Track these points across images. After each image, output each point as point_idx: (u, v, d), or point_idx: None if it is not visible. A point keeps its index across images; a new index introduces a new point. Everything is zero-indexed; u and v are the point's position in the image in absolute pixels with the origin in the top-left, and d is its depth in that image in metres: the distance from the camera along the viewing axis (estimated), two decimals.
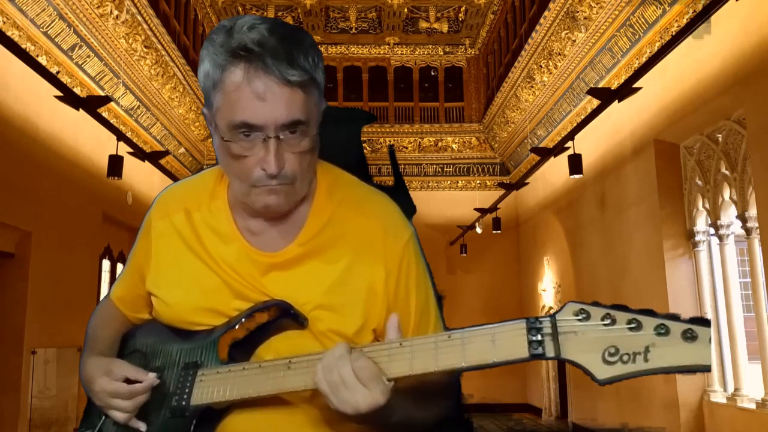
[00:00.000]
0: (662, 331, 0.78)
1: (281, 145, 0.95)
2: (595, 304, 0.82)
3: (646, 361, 0.78)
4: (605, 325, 0.81)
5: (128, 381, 1.03)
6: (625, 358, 0.79)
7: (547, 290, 11.00)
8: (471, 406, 10.49)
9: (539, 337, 0.83)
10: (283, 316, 1.01)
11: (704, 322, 0.77)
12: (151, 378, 1.03)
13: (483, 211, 11.06)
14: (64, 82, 6.16)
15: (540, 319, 0.83)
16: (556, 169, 9.04)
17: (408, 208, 1.16)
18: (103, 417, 1.08)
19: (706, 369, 0.77)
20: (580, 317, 0.82)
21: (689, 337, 0.77)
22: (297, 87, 0.93)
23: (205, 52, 0.96)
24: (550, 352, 0.82)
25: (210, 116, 1.00)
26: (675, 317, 0.79)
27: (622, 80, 6.80)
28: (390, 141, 12.95)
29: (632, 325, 0.80)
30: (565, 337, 0.82)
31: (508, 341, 0.85)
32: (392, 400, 0.90)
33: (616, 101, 6.05)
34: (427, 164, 13.22)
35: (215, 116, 0.98)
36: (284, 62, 0.92)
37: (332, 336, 1.01)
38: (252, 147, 0.95)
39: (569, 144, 7.17)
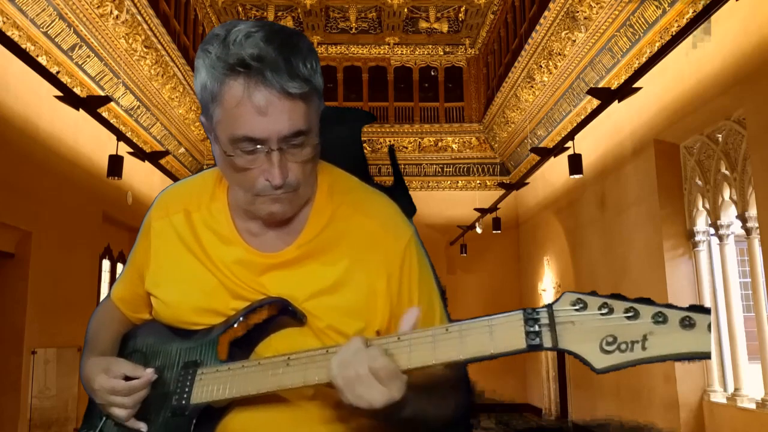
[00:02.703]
0: (660, 320, 0.78)
1: (284, 156, 0.95)
2: (593, 293, 0.82)
3: (644, 350, 0.78)
4: (602, 314, 0.81)
5: (127, 378, 1.03)
6: (623, 346, 0.79)
7: (547, 290, 11.01)
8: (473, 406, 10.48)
9: (536, 328, 0.83)
10: (282, 314, 1.02)
11: (703, 310, 0.77)
12: (148, 373, 1.03)
13: (483, 211, 11.06)
14: (64, 82, 6.16)
15: (537, 310, 0.84)
16: (556, 169, 9.05)
17: (408, 209, 1.16)
18: (104, 418, 1.08)
19: (706, 356, 0.77)
20: (577, 307, 0.82)
21: (687, 324, 0.77)
22: (298, 98, 0.93)
23: (201, 62, 0.95)
24: (547, 342, 0.82)
25: (209, 126, 1.00)
26: (673, 306, 0.79)
27: (622, 80, 6.80)
28: (390, 141, 12.95)
29: (630, 314, 0.80)
30: (563, 327, 0.82)
31: (505, 333, 0.84)
32: (405, 395, 0.89)
33: (616, 101, 6.05)
34: (427, 164, 13.22)
35: (215, 128, 0.98)
36: (284, 74, 0.91)
37: (332, 334, 1.01)
38: (255, 160, 0.95)
39: (569, 144, 7.17)
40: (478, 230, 11.66)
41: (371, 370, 0.86)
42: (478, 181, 13.11)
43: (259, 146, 0.94)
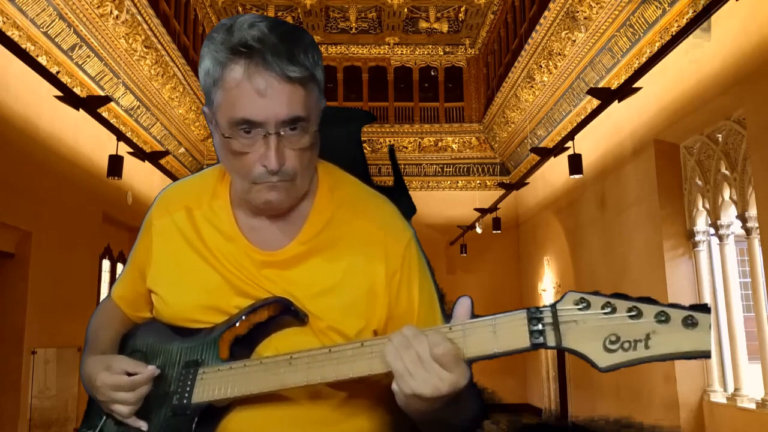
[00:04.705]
0: (662, 319, 0.79)
1: (282, 141, 0.96)
2: (596, 293, 0.83)
3: (647, 348, 0.79)
4: (606, 313, 0.81)
5: (128, 374, 1.03)
6: (626, 345, 0.80)
7: (547, 290, 11.01)
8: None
9: (540, 327, 0.83)
10: (284, 313, 1.01)
11: (704, 309, 0.78)
12: (151, 369, 1.03)
13: (483, 211, 11.06)
14: (64, 82, 6.16)
15: (541, 309, 0.84)
16: (556, 169, 9.05)
17: (408, 209, 1.16)
18: (104, 417, 1.08)
19: (706, 355, 0.77)
20: (580, 306, 0.82)
21: (690, 323, 0.78)
22: (297, 83, 0.94)
23: (206, 50, 0.97)
24: (551, 341, 0.82)
25: (210, 114, 1.00)
26: (675, 305, 0.80)
27: (622, 80, 6.80)
28: (390, 141, 12.95)
29: (633, 313, 0.80)
30: (566, 326, 0.82)
31: (509, 332, 0.85)
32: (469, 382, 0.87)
33: (616, 101, 6.05)
34: (427, 164, 13.22)
35: (216, 113, 0.98)
36: (285, 59, 0.92)
37: (331, 334, 1.01)
38: (253, 144, 0.96)
39: (569, 144, 7.17)
40: (478, 230, 11.66)
41: (434, 357, 0.84)
42: (478, 181, 13.11)
43: (257, 129, 0.95)
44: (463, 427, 1.00)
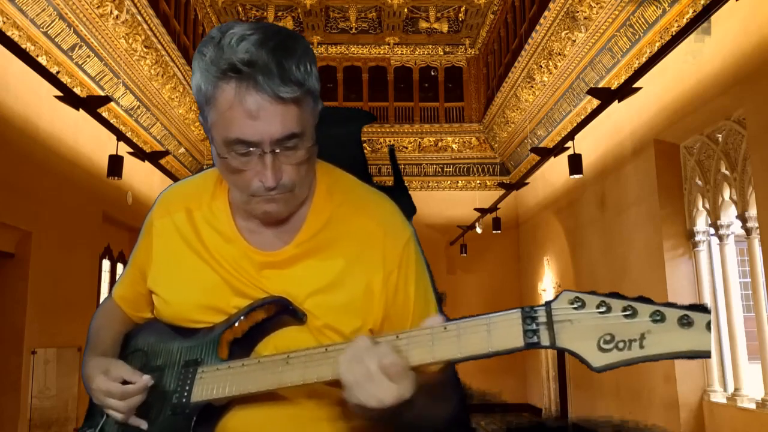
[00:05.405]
0: (658, 318, 0.78)
1: (278, 158, 0.95)
2: (591, 292, 0.82)
3: (641, 348, 0.78)
4: (600, 312, 0.81)
5: (125, 382, 1.03)
6: (621, 345, 0.79)
7: (547, 290, 11.00)
8: (471, 406, 10.49)
9: (534, 326, 0.83)
10: (282, 312, 1.02)
11: (702, 309, 0.77)
12: (144, 380, 1.03)
13: (483, 211, 11.06)
14: (64, 82, 6.16)
15: (535, 308, 0.84)
16: (556, 169, 9.05)
17: (408, 209, 1.16)
18: (105, 416, 1.09)
19: (705, 355, 0.76)
20: (575, 305, 0.82)
21: (685, 323, 0.77)
22: (290, 102, 0.93)
23: (196, 64, 0.96)
24: (545, 340, 0.82)
25: (206, 126, 1.01)
26: (671, 304, 0.79)
27: (622, 80, 6.80)
28: (390, 141, 12.95)
29: (627, 313, 0.80)
30: (561, 325, 0.82)
31: (503, 331, 0.84)
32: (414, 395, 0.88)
33: (616, 101, 6.05)
34: (427, 164, 13.22)
35: (210, 130, 0.99)
36: (276, 79, 0.91)
37: (328, 333, 1.02)
38: (249, 161, 0.96)
39: (569, 144, 7.17)
40: (478, 230, 11.66)
41: (381, 367, 0.85)
42: (478, 181, 13.12)
43: (252, 149, 0.94)
44: (437, 428, 1.01)
